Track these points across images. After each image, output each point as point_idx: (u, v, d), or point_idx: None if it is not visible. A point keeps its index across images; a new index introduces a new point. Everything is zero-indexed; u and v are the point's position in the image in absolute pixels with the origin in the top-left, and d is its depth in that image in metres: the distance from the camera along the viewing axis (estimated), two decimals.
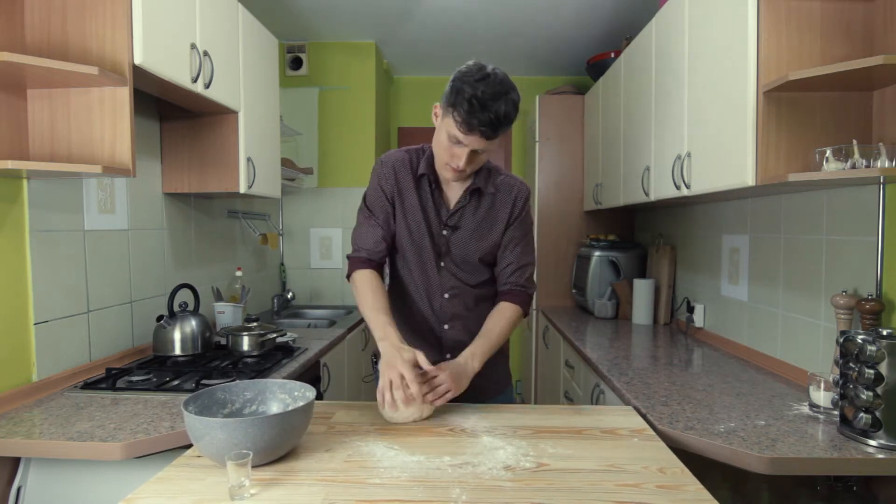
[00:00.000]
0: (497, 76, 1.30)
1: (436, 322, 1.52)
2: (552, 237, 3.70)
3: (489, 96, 1.25)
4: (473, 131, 1.28)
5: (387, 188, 1.48)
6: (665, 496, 0.97)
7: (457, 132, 1.29)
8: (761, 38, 1.54)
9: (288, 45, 3.64)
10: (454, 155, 1.34)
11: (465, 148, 1.32)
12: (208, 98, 2.00)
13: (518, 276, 1.51)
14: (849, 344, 1.28)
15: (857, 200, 1.57)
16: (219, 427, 1.01)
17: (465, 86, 1.26)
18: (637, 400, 1.57)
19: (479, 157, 1.36)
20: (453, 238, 1.48)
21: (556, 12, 3.15)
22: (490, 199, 1.49)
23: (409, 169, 1.49)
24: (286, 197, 3.66)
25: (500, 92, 1.27)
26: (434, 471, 1.06)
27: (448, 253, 1.49)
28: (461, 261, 1.49)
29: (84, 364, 1.80)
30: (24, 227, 1.60)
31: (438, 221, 1.48)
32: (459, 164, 1.34)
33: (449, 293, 1.51)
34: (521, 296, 1.51)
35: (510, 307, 1.49)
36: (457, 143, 1.32)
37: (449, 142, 1.33)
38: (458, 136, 1.30)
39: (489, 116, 1.26)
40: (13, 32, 1.54)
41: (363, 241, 1.50)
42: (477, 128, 1.27)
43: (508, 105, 1.28)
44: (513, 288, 1.51)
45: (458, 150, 1.33)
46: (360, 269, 1.48)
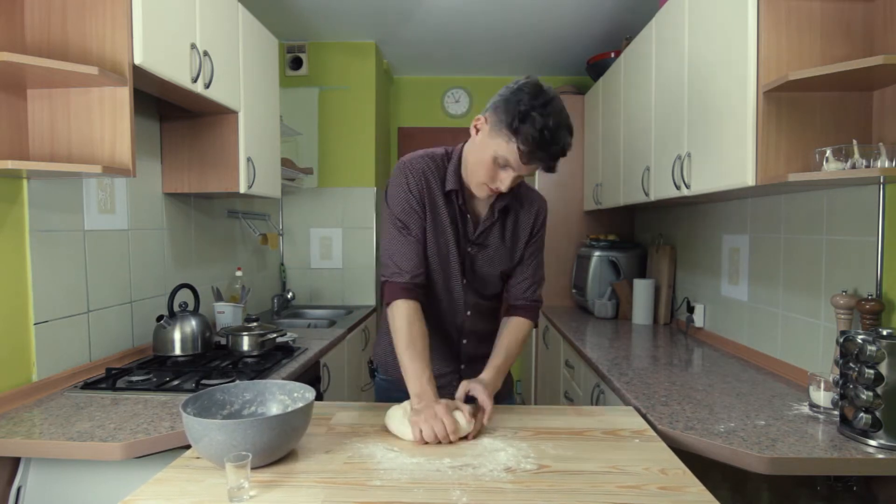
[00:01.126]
0: (557, 103, 1.22)
1: (456, 337, 1.49)
2: (552, 237, 3.69)
3: (556, 126, 1.18)
4: (536, 161, 1.22)
5: (417, 196, 1.36)
6: (667, 498, 0.97)
7: (513, 159, 1.22)
8: (761, 38, 1.54)
9: (288, 45, 3.64)
10: (498, 178, 1.27)
11: (513, 173, 1.26)
12: (208, 98, 2.00)
13: (532, 291, 1.49)
14: (849, 344, 1.28)
15: (857, 200, 1.57)
16: (217, 429, 1.01)
17: (533, 112, 1.17)
18: (637, 400, 1.57)
19: (518, 180, 1.31)
20: (479, 255, 1.43)
21: (556, 12, 3.15)
22: (514, 214, 1.45)
23: (437, 179, 1.38)
24: (286, 197, 3.66)
25: (564, 123, 1.21)
26: (434, 472, 1.06)
27: (472, 270, 1.44)
28: (483, 277, 1.45)
29: (84, 364, 1.80)
30: (24, 227, 1.60)
31: (465, 238, 1.41)
32: (502, 187, 1.28)
33: (471, 310, 1.47)
34: (534, 311, 1.50)
35: (525, 323, 1.48)
36: (505, 166, 1.25)
37: (494, 163, 1.25)
38: (512, 163, 1.23)
39: (556, 150, 1.20)
40: (13, 32, 1.54)
41: (403, 260, 1.34)
42: (543, 160, 1.21)
43: (571, 136, 1.23)
44: (526, 303, 1.49)
45: (504, 174, 1.27)
46: (401, 299, 1.33)
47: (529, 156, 1.20)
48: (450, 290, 1.44)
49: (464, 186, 1.38)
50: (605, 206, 3.14)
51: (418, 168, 1.38)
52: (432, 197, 1.38)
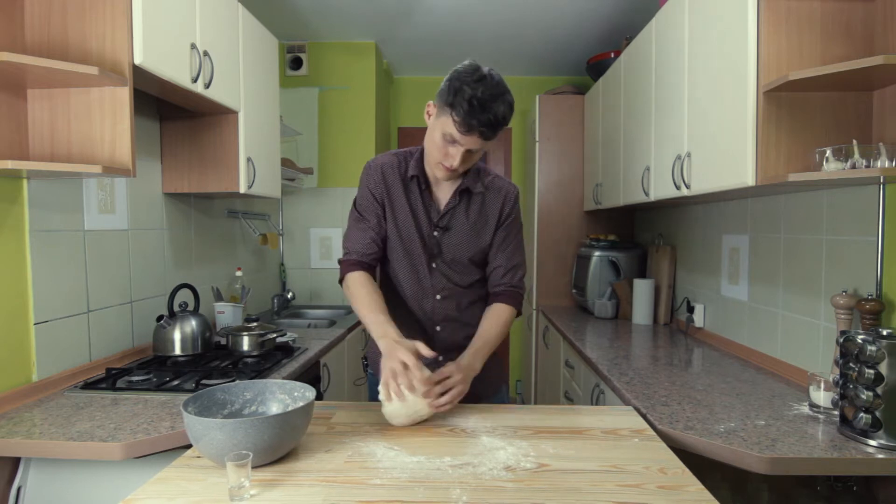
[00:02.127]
0: (493, 77, 1.30)
1: (428, 323, 1.52)
2: (552, 237, 3.70)
3: (488, 97, 1.26)
4: (472, 132, 1.28)
5: (376, 191, 1.49)
6: (666, 497, 0.97)
7: (454, 132, 1.30)
8: (761, 38, 1.54)
9: (288, 45, 3.64)
10: (448, 154, 1.34)
11: (461, 147, 1.32)
12: (208, 98, 2.00)
13: (510, 276, 1.52)
14: (849, 344, 1.28)
15: (857, 200, 1.57)
16: (218, 428, 1.01)
17: (465, 86, 1.26)
18: (637, 400, 1.57)
19: (472, 156, 1.37)
20: (444, 239, 1.49)
21: (556, 12, 3.15)
22: (480, 199, 1.50)
23: (397, 171, 1.49)
24: (286, 197, 3.66)
25: (498, 93, 1.28)
26: (434, 471, 1.06)
27: (440, 254, 1.49)
28: (452, 262, 1.50)
29: (84, 364, 1.80)
30: (24, 227, 1.60)
31: (429, 223, 1.49)
32: (454, 163, 1.34)
33: (441, 294, 1.51)
34: (515, 296, 1.53)
35: (505, 308, 1.50)
36: (452, 142, 1.32)
37: (443, 140, 1.33)
38: (455, 136, 1.30)
39: (488, 117, 1.26)
40: (13, 32, 1.54)
41: (354, 243, 1.50)
42: (476, 128, 1.27)
43: (506, 106, 1.29)
44: (506, 289, 1.52)
45: (452, 149, 1.33)
46: (351, 272, 1.48)
47: (463, 125, 1.27)
48: (417, 276, 1.51)
49: (426, 174, 1.48)
50: (605, 206, 3.14)
51: (377, 164, 1.51)
52: (390, 188, 1.49)
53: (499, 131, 1.31)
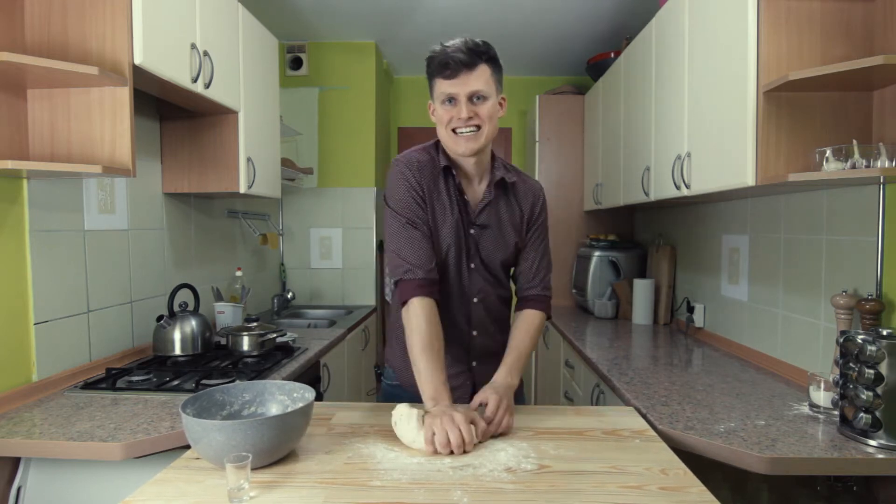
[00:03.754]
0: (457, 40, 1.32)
1: (465, 329, 1.45)
2: (552, 237, 3.66)
3: (458, 40, 1.29)
4: (451, 67, 1.27)
5: (418, 189, 1.36)
6: (667, 498, 0.97)
7: (445, 87, 1.30)
8: (761, 38, 1.53)
9: (288, 45, 3.64)
10: (455, 115, 1.31)
11: (459, 99, 1.30)
12: (208, 98, 1.99)
13: (539, 280, 1.48)
14: (849, 344, 1.28)
15: (857, 200, 1.57)
16: (217, 429, 1.01)
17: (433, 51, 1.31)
18: (637, 400, 1.57)
19: (481, 107, 1.30)
20: (482, 238, 1.42)
21: (556, 12, 3.15)
22: (513, 196, 1.46)
23: (432, 167, 1.40)
24: (286, 197, 3.66)
25: (466, 39, 1.30)
26: (435, 473, 1.06)
27: (477, 254, 1.43)
28: (488, 262, 1.44)
29: (84, 364, 1.80)
30: (24, 227, 1.59)
31: (466, 220, 1.41)
32: (461, 114, 1.29)
33: (477, 297, 1.44)
34: (545, 301, 1.48)
35: (536, 315, 1.46)
36: (448, 100, 1.31)
37: (446, 107, 1.32)
38: (449, 90, 1.30)
39: (459, 47, 1.27)
40: (13, 32, 1.54)
41: (414, 256, 1.31)
42: (452, 61, 1.26)
43: (479, 42, 1.30)
44: (537, 293, 1.47)
45: (451, 107, 1.31)
46: (417, 297, 1.29)
47: (443, 66, 1.28)
48: (459, 277, 1.42)
49: (456, 167, 1.41)
50: (605, 206, 3.14)
51: (413, 162, 1.39)
52: (431, 185, 1.39)
53: (479, 60, 1.29)
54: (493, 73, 1.32)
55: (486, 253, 1.43)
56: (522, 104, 4.36)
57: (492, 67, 1.32)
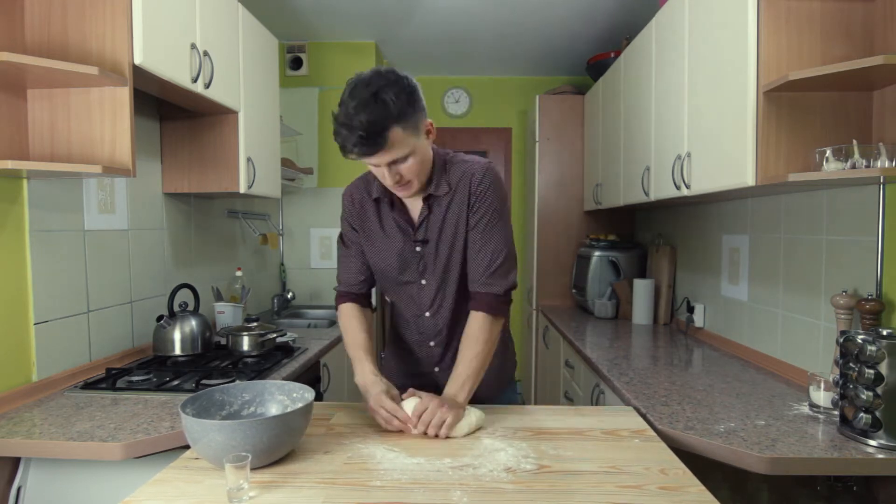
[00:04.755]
0: (364, 81, 1.16)
1: (423, 339, 1.48)
2: (552, 237, 3.69)
3: (352, 111, 1.13)
4: (354, 152, 1.17)
5: (350, 219, 1.46)
6: (667, 498, 0.97)
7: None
8: (761, 38, 1.53)
9: (288, 45, 3.64)
10: (382, 177, 1.26)
11: (381, 167, 1.23)
12: (208, 98, 1.99)
13: (482, 271, 1.34)
14: (849, 344, 1.28)
15: (857, 200, 1.57)
16: (216, 429, 1.01)
17: (335, 114, 1.17)
18: (637, 400, 1.57)
19: (405, 166, 1.23)
20: (427, 252, 1.39)
21: (557, 12, 3.15)
22: (449, 197, 1.36)
23: (367, 195, 1.42)
24: (286, 197, 3.66)
25: (363, 100, 1.13)
26: (434, 473, 1.06)
27: (425, 270, 1.40)
28: (442, 274, 1.39)
29: (84, 364, 1.80)
30: (24, 227, 1.59)
31: (408, 239, 1.39)
32: (388, 182, 1.26)
33: (430, 311, 1.43)
34: (490, 300, 1.34)
35: (475, 319, 1.34)
36: (373, 165, 1.24)
37: (371, 167, 1.26)
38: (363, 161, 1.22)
39: (357, 134, 1.13)
40: (13, 32, 1.54)
41: (342, 275, 1.51)
42: (353, 150, 1.16)
43: (377, 108, 1.13)
44: (478, 289, 1.35)
45: (377, 171, 1.26)
46: (342, 304, 1.50)
47: (347, 151, 1.18)
48: (409, 294, 1.45)
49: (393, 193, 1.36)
50: (605, 206, 3.14)
51: (349, 192, 1.47)
52: (365, 215, 1.44)
53: (381, 139, 1.15)
54: (404, 128, 1.18)
55: (436, 268, 1.39)
56: (522, 104, 4.36)
57: (402, 124, 1.17)
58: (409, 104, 1.19)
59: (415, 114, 1.21)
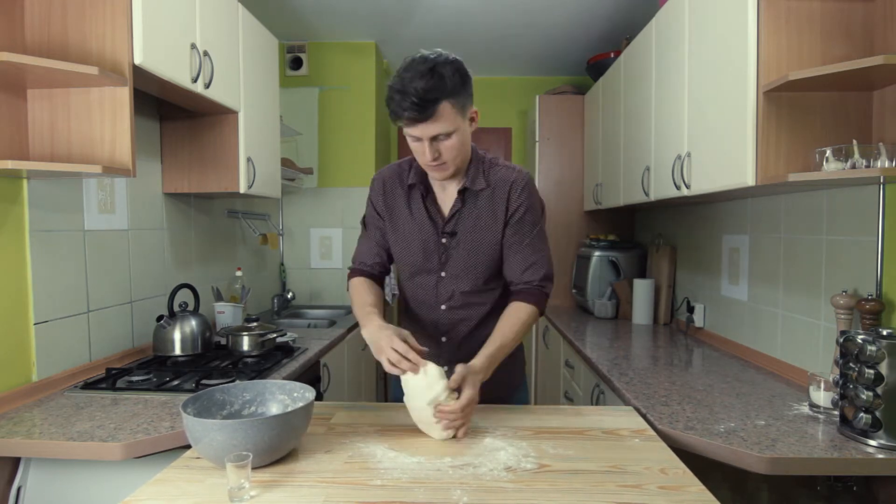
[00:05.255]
0: (421, 57, 1.24)
1: (435, 333, 1.48)
2: (552, 237, 3.66)
3: (408, 79, 1.20)
4: (406, 119, 1.22)
5: (378, 204, 1.49)
6: (667, 497, 0.97)
7: (406, 128, 1.26)
8: (761, 38, 1.54)
9: (288, 45, 3.64)
10: (420, 152, 1.30)
11: (423, 140, 1.27)
12: (208, 98, 1.99)
13: (530, 274, 1.40)
14: (849, 344, 1.28)
15: (857, 200, 1.57)
16: (217, 429, 1.01)
17: (390, 84, 1.23)
18: (637, 400, 1.57)
19: (446, 143, 1.28)
20: (453, 244, 1.42)
21: (557, 12, 3.15)
22: (486, 195, 1.41)
23: (399, 182, 1.46)
24: (286, 197, 3.66)
25: (422, 70, 1.21)
26: (435, 472, 1.06)
27: (448, 262, 1.43)
28: (464, 268, 1.42)
29: (84, 364, 1.80)
30: (24, 227, 1.59)
31: (435, 230, 1.42)
32: (426, 158, 1.29)
33: (446, 305, 1.45)
34: (536, 294, 1.40)
35: (523, 307, 1.39)
36: (415, 139, 1.28)
37: (412, 141, 1.30)
38: (407, 131, 1.27)
39: (411, 99, 1.19)
40: (13, 32, 1.54)
41: (359, 255, 1.55)
42: (403, 114, 1.22)
43: (433, 78, 1.20)
44: (525, 287, 1.41)
45: (418, 145, 1.29)
46: (353, 278, 1.53)
47: (397, 116, 1.24)
48: (429, 285, 1.47)
49: (428, 181, 1.44)
50: (605, 206, 3.14)
51: (380, 177, 1.50)
52: (391, 200, 1.47)
53: (431, 107, 1.21)
54: (454, 104, 1.24)
55: (458, 261, 1.42)
56: (522, 104, 4.36)
57: (452, 100, 1.23)
58: (462, 84, 1.27)
59: (465, 95, 1.28)
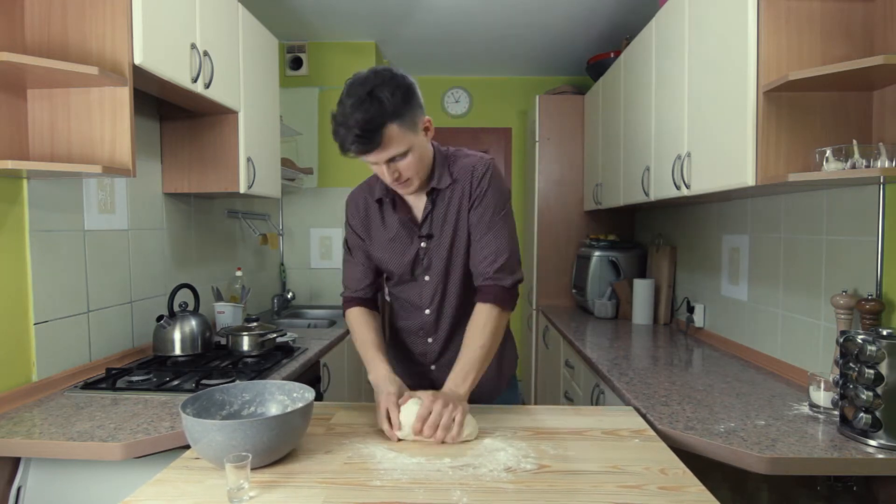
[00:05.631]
0: (361, 79, 1.18)
1: (422, 336, 1.49)
2: (552, 237, 3.69)
3: (349, 111, 1.15)
4: (351, 149, 1.19)
5: (355, 224, 1.47)
6: (667, 497, 0.97)
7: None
8: (761, 38, 1.53)
9: (288, 45, 3.64)
10: (381, 174, 1.28)
11: (380, 165, 1.24)
12: (208, 98, 1.99)
13: (488, 266, 1.34)
14: (849, 344, 1.28)
15: (857, 200, 1.57)
16: (217, 429, 1.01)
17: (333, 114, 1.19)
18: (637, 400, 1.57)
19: (403, 163, 1.25)
20: (433, 246, 1.40)
21: (557, 12, 3.15)
22: (450, 190, 1.37)
23: (369, 198, 1.45)
24: (286, 197, 3.66)
25: (359, 99, 1.15)
26: (435, 472, 1.06)
27: (430, 265, 1.41)
28: (446, 267, 1.41)
29: (84, 364, 1.80)
30: (24, 227, 1.59)
31: (412, 236, 1.41)
32: (388, 180, 1.28)
33: (430, 308, 1.45)
34: (496, 291, 1.33)
35: (482, 311, 1.33)
36: (373, 163, 1.26)
37: (372, 166, 1.28)
38: (362, 159, 1.24)
39: (353, 133, 1.15)
40: (13, 32, 1.54)
41: (348, 280, 1.52)
42: (350, 148, 1.18)
43: (372, 106, 1.14)
44: (485, 283, 1.34)
45: (377, 168, 1.27)
46: (349, 308, 1.51)
47: (345, 150, 1.20)
48: (413, 289, 1.46)
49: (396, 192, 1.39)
50: (605, 206, 3.14)
51: (352, 197, 1.50)
52: (367, 217, 1.46)
53: (378, 134, 1.16)
54: (400, 125, 1.19)
55: (439, 262, 1.41)
56: (522, 104, 4.36)
57: (398, 121, 1.19)
58: (405, 101, 1.20)
59: (411, 111, 1.22)
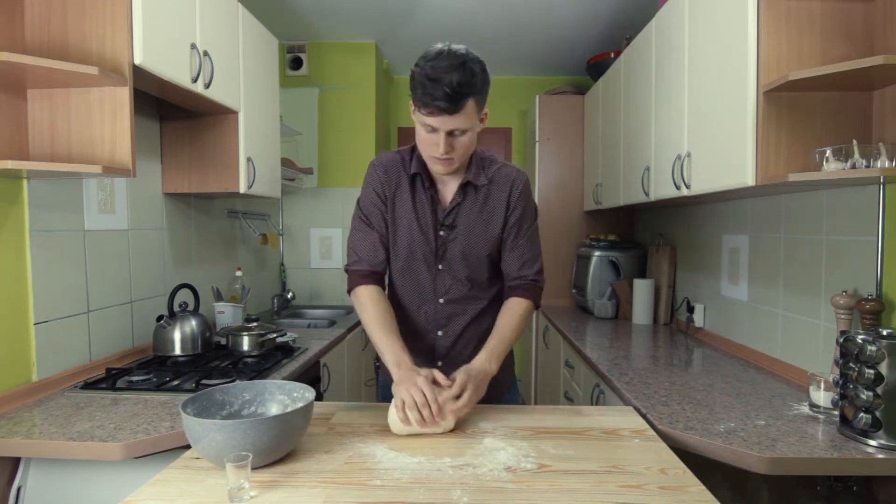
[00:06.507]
0: (451, 51, 1.24)
1: (431, 327, 1.47)
2: (552, 237, 3.69)
3: (442, 69, 1.21)
4: (433, 109, 1.22)
5: (380, 190, 1.44)
6: (667, 497, 0.97)
7: (423, 117, 1.25)
8: (761, 38, 1.54)
9: (288, 45, 3.64)
10: (433, 143, 1.29)
11: (440, 133, 1.26)
12: (208, 98, 1.99)
13: (525, 269, 1.45)
14: (849, 344, 1.28)
15: (857, 200, 1.57)
16: (217, 429, 1.01)
17: (419, 69, 1.23)
18: (637, 400, 1.57)
19: (460, 140, 1.29)
20: (451, 238, 1.42)
21: (557, 12, 3.15)
22: (485, 191, 1.42)
23: (401, 170, 1.43)
24: (286, 197, 3.66)
25: (455, 63, 1.21)
26: (435, 472, 1.06)
27: (445, 255, 1.43)
28: (461, 261, 1.43)
29: (84, 364, 1.80)
30: (24, 227, 1.59)
31: (435, 222, 1.42)
32: (439, 151, 1.28)
33: (444, 298, 1.45)
34: (531, 289, 1.46)
35: (520, 302, 1.44)
36: (431, 130, 1.27)
37: (425, 132, 1.29)
38: (427, 121, 1.25)
39: (444, 90, 1.19)
40: (13, 32, 1.54)
41: (361, 249, 1.45)
42: (433, 104, 1.21)
43: (465, 73, 1.21)
44: (522, 283, 1.46)
45: (433, 137, 1.28)
46: (362, 286, 1.43)
47: (423, 104, 1.23)
48: (420, 278, 1.45)
49: (429, 172, 1.42)
50: (605, 206, 3.14)
51: (381, 163, 1.46)
52: (394, 188, 1.43)
53: (462, 101, 1.22)
54: (477, 103, 1.27)
55: (455, 254, 1.42)
56: (522, 104, 4.36)
57: (477, 98, 1.26)
58: (486, 84, 1.29)
59: (485, 97, 1.31)
